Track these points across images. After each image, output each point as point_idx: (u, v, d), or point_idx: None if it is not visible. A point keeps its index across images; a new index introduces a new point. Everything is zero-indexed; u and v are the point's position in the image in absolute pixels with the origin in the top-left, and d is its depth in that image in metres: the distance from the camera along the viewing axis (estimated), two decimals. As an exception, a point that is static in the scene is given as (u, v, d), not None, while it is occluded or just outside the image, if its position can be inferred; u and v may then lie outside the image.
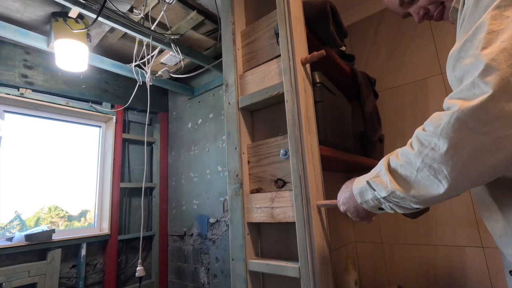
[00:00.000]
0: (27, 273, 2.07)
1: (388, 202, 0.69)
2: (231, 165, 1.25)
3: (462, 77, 0.57)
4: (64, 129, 2.67)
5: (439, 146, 0.56)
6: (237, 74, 1.31)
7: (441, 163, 0.56)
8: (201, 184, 2.76)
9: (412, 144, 0.62)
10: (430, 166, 0.58)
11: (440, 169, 0.56)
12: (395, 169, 0.66)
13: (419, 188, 0.61)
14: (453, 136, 0.54)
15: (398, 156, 0.66)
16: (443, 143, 0.55)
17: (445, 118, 0.55)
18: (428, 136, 0.58)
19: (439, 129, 0.55)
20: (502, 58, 0.50)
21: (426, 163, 0.58)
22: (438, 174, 0.57)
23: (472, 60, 0.54)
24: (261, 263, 1.10)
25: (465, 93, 0.54)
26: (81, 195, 2.70)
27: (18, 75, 2.27)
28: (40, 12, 2.03)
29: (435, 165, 0.57)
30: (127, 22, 1.94)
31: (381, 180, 0.68)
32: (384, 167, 0.68)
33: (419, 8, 0.88)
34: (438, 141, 0.56)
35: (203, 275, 2.60)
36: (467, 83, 0.53)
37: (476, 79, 0.52)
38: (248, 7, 1.44)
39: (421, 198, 0.62)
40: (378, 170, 0.70)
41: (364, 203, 0.76)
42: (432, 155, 0.57)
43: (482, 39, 0.54)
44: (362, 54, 2.10)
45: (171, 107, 3.28)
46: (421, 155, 0.59)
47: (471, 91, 0.52)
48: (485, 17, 0.55)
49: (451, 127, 0.54)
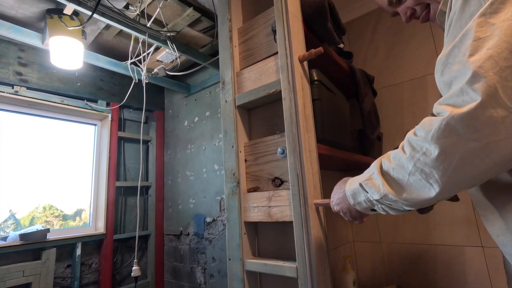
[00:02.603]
0: (21, 273, 2.04)
1: (381, 204, 0.71)
2: (228, 163, 1.24)
3: (451, 83, 0.58)
4: (59, 127, 2.64)
5: (430, 151, 0.57)
6: (234, 72, 1.30)
7: (432, 167, 0.58)
8: (198, 183, 2.75)
9: (404, 148, 0.64)
10: (422, 170, 0.60)
11: (432, 173, 0.58)
12: (387, 172, 0.68)
13: (411, 191, 0.63)
14: (444, 141, 0.55)
15: (390, 159, 0.68)
16: (434, 148, 0.56)
17: (436, 124, 0.56)
18: (419, 141, 0.60)
19: (430, 134, 0.57)
20: (489, 65, 0.51)
21: (418, 167, 0.60)
22: (429, 178, 0.59)
23: (460, 66, 0.56)
24: (258, 262, 1.09)
25: (454, 99, 0.55)
26: (76, 194, 2.67)
27: (12, 73, 2.25)
28: (35, 9, 2.01)
29: (427, 169, 0.59)
30: (122, 19, 1.92)
31: (374, 183, 0.70)
32: (377, 169, 0.70)
33: (406, 8, 0.91)
34: (429, 146, 0.57)
35: (200, 275, 2.59)
36: (456, 90, 0.55)
37: (464, 86, 0.53)
38: (245, 4, 1.43)
39: (413, 201, 0.64)
40: (371, 173, 0.72)
41: (357, 205, 0.78)
42: (424, 159, 0.59)
43: (469, 46, 0.55)
44: (361, 51, 2.09)
45: (167, 105, 3.26)
46: (413, 159, 0.61)
47: (460, 97, 0.54)
48: (471, 24, 0.56)
49: (442, 133, 0.55)
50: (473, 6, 0.58)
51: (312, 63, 1.19)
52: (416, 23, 1.83)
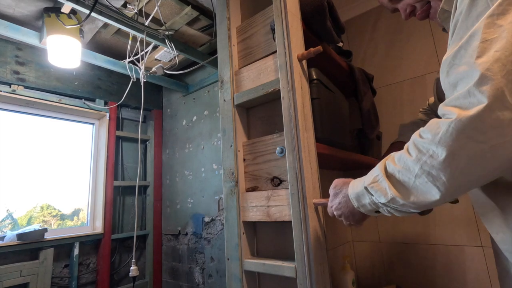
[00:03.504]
0: (19, 273, 2.04)
1: (386, 206, 0.70)
2: (227, 163, 1.23)
3: (456, 84, 0.58)
4: (56, 126, 2.63)
5: (437, 154, 0.57)
6: (233, 71, 1.29)
7: (439, 170, 0.57)
8: (196, 182, 2.74)
9: (410, 150, 0.64)
10: (429, 173, 0.59)
11: (439, 176, 0.58)
12: (392, 174, 0.67)
13: (417, 193, 0.63)
14: (451, 144, 0.55)
15: (395, 161, 0.67)
16: (442, 151, 0.56)
17: (443, 127, 0.56)
18: (426, 144, 0.59)
19: (437, 137, 0.57)
20: (496, 68, 0.52)
21: (424, 170, 0.60)
22: (436, 181, 0.59)
23: (467, 68, 0.56)
24: (257, 262, 1.08)
25: (461, 101, 0.55)
26: (74, 194, 2.66)
27: (9, 72, 2.24)
28: (32, 8, 2.00)
29: (434, 172, 0.58)
30: (120, 17, 1.91)
31: (380, 186, 0.69)
32: (381, 171, 0.69)
33: (406, 5, 0.91)
34: (436, 148, 0.57)
35: (198, 275, 2.58)
36: (463, 91, 0.55)
37: (472, 88, 0.53)
38: (243, 2, 1.42)
39: (420, 204, 0.63)
40: (375, 175, 0.71)
41: (361, 207, 0.77)
42: (431, 162, 0.58)
43: (477, 48, 0.55)
44: (360, 50, 2.09)
45: (165, 104, 3.25)
46: (419, 162, 0.60)
47: (467, 99, 0.54)
48: (478, 25, 0.56)
49: (449, 136, 0.55)
50: (480, 6, 0.57)
51: (311, 62, 1.19)
52: (415, 21, 1.83)
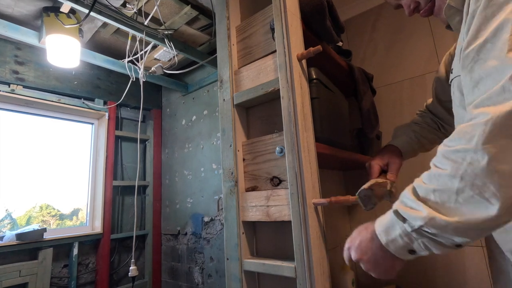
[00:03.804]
0: (18, 273, 2.04)
1: (422, 237, 0.56)
2: (226, 162, 1.23)
3: (479, 80, 0.54)
4: (55, 126, 2.63)
5: (478, 160, 0.49)
6: (232, 70, 1.28)
7: (485, 177, 0.49)
8: (195, 182, 2.74)
9: (441, 164, 0.56)
10: (473, 184, 0.50)
11: (485, 185, 0.49)
12: (426, 198, 0.56)
13: (463, 213, 0.52)
14: (492, 145, 0.48)
15: (424, 182, 0.58)
16: (482, 155, 0.49)
17: (478, 128, 0.50)
18: (460, 152, 0.52)
19: (473, 141, 0.50)
20: None
21: (467, 182, 0.51)
22: (484, 192, 0.49)
23: (497, 62, 0.51)
24: (257, 262, 1.08)
25: (494, 99, 0.50)
26: (73, 194, 2.66)
27: (8, 71, 2.23)
28: (31, 7, 2.00)
29: (478, 181, 0.49)
30: (119, 17, 1.90)
31: (413, 210, 0.58)
32: (411, 198, 0.58)
33: (410, 1, 0.88)
34: (475, 154, 0.50)
35: (197, 275, 2.58)
36: (497, 88, 0.50)
37: (507, 84, 0.49)
38: (243, 2, 1.42)
39: (469, 225, 0.52)
40: (405, 202, 0.60)
41: (391, 243, 0.61)
42: (472, 170, 0.50)
43: (507, 41, 0.51)
44: (359, 49, 2.08)
45: (165, 103, 3.25)
46: (458, 174, 0.52)
47: (502, 96, 0.49)
48: (507, 17, 0.52)
49: (487, 137, 0.49)
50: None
51: (310, 61, 1.18)
52: (415, 21, 1.83)
